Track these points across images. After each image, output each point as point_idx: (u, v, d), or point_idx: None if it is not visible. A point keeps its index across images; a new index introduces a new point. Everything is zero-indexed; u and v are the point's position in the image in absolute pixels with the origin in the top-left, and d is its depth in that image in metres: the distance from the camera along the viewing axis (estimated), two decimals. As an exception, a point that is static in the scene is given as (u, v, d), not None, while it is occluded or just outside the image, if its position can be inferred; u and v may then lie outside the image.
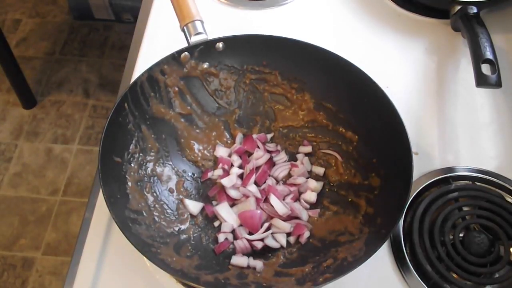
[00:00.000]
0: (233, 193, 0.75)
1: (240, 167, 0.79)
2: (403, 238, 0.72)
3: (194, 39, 0.75)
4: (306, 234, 0.72)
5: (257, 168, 0.78)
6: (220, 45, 0.78)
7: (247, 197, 0.75)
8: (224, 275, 0.66)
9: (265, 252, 0.71)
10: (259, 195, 0.75)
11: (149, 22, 0.98)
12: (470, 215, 0.74)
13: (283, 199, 0.75)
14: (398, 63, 0.93)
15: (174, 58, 0.76)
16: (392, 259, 0.71)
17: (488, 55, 0.80)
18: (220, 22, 0.89)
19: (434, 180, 0.77)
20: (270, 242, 0.72)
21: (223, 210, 0.73)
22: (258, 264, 0.69)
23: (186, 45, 0.76)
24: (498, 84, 0.77)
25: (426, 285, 0.68)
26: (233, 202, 0.75)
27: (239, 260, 0.69)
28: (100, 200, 0.76)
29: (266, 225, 0.72)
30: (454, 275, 0.69)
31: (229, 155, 0.80)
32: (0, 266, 1.69)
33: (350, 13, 1.00)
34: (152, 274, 0.70)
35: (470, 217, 0.74)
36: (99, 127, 2.01)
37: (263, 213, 0.74)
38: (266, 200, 0.75)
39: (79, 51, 2.25)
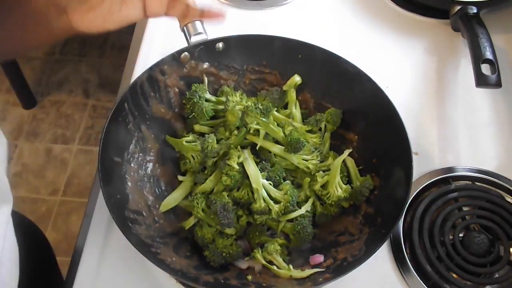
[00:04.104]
0: None
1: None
2: (403, 238, 0.72)
3: (194, 39, 0.75)
4: (306, 234, 0.72)
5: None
6: (220, 45, 0.78)
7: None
8: (224, 275, 0.66)
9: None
10: None
11: (149, 22, 0.98)
12: (470, 215, 0.74)
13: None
14: (398, 63, 0.93)
15: (174, 58, 0.76)
16: (392, 259, 0.71)
17: (488, 55, 0.80)
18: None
19: (434, 180, 0.77)
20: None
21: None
22: (258, 264, 0.69)
23: (186, 45, 0.76)
24: (498, 84, 0.77)
25: (426, 285, 0.68)
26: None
27: (239, 260, 0.69)
28: (100, 200, 0.76)
29: None
30: (454, 275, 0.69)
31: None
32: (0, 266, 1.69)
33: (350, 13, 1.00)
34: (152, 274, 0.70)
35: (470, 217, 0.74)
36: (99, 127, 2.01)
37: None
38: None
39: (79, 51, 2.25)
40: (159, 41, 0.94)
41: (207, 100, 0.78)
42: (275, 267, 0.67)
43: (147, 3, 0.61)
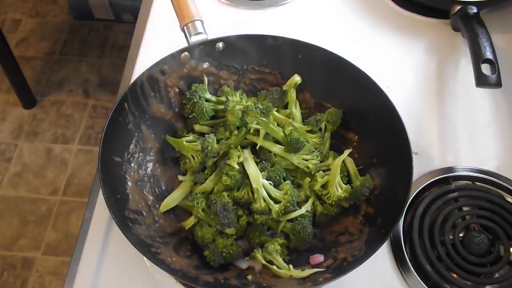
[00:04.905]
0: None
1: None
2: (403, 238, 0.72)
3: (194, 39, 0.75)
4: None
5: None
6: (220, 45, 0.78)
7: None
8: (224, 275, 0.66)
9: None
10: None
11: (149, 22, 0.98)
12: (470, 215, 0.74)
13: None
14: (398, 63, 0.93)
15: (174, 58, 0.76)
16: (392, 259, 0.71)
17: (488, 55, 0.80)
18: (220, 22, 0.89)
19: (434, 180, 0.77)
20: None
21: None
22: (258, 264, 0.69)
23: (186, 45, 0.76)
24: (498, 84, 0.77)
25: (426, 285, 0.68)
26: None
27: (239, 260, 0.69)
28: (100, 200, 0.76)
29: None
30: (454, 275, 0.69)
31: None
32: (0, 266, 1.69)
33: (350, 13, 1.00)
34: (152, 274, 0.70)
35: (470, 217, 0.74)
36: (99, 127, 2.01)
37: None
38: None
39: (79, 51, 2.24)
40: (159, 41, 0.94)
41: (207, 100, 0.78)
42: (275, 267, 0.67)
43: None
